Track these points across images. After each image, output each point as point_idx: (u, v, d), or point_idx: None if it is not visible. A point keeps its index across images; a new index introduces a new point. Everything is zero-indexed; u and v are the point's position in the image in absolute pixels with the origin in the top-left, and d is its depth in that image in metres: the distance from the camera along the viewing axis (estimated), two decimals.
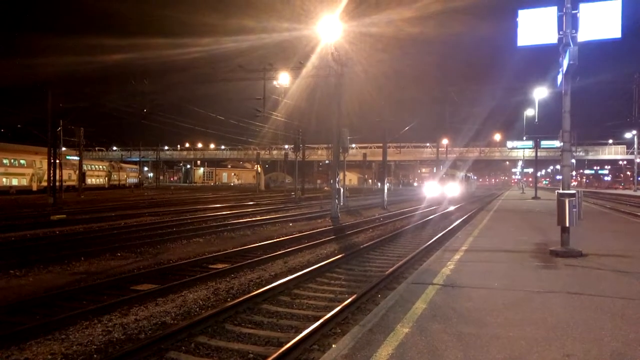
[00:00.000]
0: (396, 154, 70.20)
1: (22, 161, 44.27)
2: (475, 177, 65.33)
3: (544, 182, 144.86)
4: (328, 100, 23.59)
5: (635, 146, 61.74)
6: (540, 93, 31.76)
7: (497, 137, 67.91)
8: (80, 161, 41.67)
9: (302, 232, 15.30)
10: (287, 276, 8.37)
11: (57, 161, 31.20)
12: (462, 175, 42.23)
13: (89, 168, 57.46)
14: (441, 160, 52.38)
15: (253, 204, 30.45)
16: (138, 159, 79.82)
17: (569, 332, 4.41)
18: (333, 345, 4.70)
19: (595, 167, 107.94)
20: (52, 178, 29.63)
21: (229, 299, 7.21)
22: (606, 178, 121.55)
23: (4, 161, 41.95)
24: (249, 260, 10.09)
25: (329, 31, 19.58)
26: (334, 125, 21.77)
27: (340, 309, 6.20)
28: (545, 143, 39.41)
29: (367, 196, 45.11)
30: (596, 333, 4.39)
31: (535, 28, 8.83)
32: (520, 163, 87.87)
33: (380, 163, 42.73)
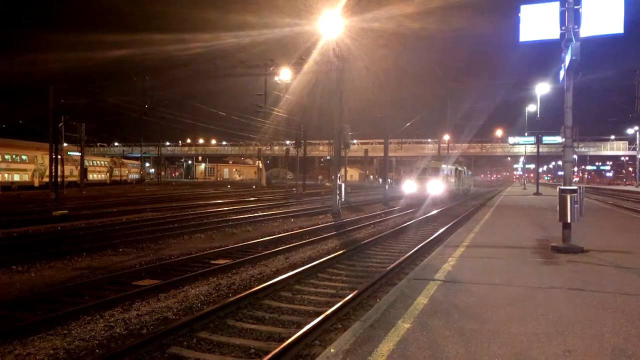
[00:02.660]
0: (397, 149, 70.04)
1: (23, 157, 44.35)
2: (470, 173, 55.71)
3: (546, 178, 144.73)
4: (329, 96, 23.51)
5: (637, 142, 61.55)
6: (542, 89, 31.62)
7: (499, 132, 67.74)
8: (82, 157, 41.69)
9: (304, 228, 15.31)
10: (288, 272, 8.39)
11: (59, 157, 31.23)
12: (451, 169, 32.75)
13: (91, 164, 57.51)
14: (442, 156, 52.13)
15: (254, 200, 30.48)
16: (139, 155, 79.88)
17: (570, 328, 4.41)
18: (334, 341, 4.71)
19: (597, 163, 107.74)
20: (53, 174, 29.70)
21: (230, 295, 7.23)
22: (608, 174, 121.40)
23: (6, 157, 42.03)
24: (251, 256, 10.11)
25: (330, 26, 19.50)
26: (335, 121, 21.74)
27: (342, 304, 6.22)
28: (547, 139, 39.20)
29: (368, 192, 45.15)
30: (597, 329, 4.39)
31: (538, 24, 8.80)
32: (521, 159, 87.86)
33: (382, 159, 42.02)
